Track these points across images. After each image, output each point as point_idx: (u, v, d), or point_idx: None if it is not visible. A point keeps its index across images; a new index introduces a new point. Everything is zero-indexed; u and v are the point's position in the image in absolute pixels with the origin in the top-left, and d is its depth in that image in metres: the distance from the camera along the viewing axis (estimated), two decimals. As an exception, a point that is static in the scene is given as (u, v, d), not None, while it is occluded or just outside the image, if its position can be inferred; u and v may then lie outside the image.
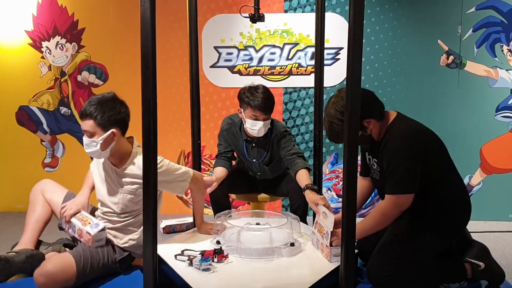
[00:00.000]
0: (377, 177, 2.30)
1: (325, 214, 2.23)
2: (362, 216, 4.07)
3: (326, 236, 2.14)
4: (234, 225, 2.37)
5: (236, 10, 3.99)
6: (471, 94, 4.01)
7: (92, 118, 2.22)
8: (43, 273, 2.11)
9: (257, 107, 2.71)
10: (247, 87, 2.81)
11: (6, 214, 4.22)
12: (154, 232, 1.85)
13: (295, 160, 2.77)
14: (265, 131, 2.81)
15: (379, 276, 2.13)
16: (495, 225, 3.97)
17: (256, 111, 2.73)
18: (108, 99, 2.29)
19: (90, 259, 2.25)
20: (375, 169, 2.30)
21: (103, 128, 2.23)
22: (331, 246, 2.11)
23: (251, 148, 2.94)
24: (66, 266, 2.17)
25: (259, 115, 2.74)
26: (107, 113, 2.23)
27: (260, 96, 2.72)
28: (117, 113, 2.26)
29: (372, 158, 2.30)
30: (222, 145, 3.01)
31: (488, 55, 4.00)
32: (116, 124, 2.26)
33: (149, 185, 1.83)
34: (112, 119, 2.24)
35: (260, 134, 2.81)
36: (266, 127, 2.80)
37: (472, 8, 3.96)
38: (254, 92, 2.75)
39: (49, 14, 4.18)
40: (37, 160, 4.37)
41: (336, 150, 4.20)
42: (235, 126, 2.96)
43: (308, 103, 4.14)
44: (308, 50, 4.08)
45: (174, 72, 4.18)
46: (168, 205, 4.29)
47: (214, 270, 2.04)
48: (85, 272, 2.22)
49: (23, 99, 4.30)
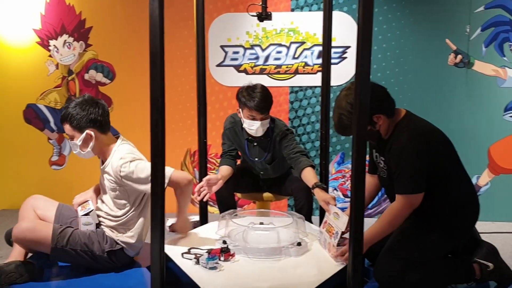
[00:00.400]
0: (384, 175, 2.28)
1: (336, 215, 2.22)
2: (369, 216, 4.07)
3: (335, 236, 2.13)
4: (237, 224, 2.36)
5: (243, 9, 3.98)
6: (479, 93, 3.99)
7: (68, 123, 2.33)
8: (17, 226, 2.28)
9: (253, 107, 2.70)
10: (244, 87, 2.80)
11: (13, 211, 4.24)
12: (161, 231, 1.85)
13: (299, 159, 2.75)
14: (263, 131, 2.80)
15: (387, 276, 2.11)
16: (503, 225, 3.95)
17: (253, 111, 2.72)
18: (80, 102, 2.35)
19: (71, 234, 2.30)
20: (382, 167, 2.29)
21: (80, 130, 2.33)
22: (337, 257, 2.11)
23: (253, 147, 2.93)
24: (41, 229, 2.28)
25: (256, 115, 2.73)
26: (80, 116, 2.31)
27: (257, 96, 2.71)
28: (89, 114, 2.32)
29: (379, 156, 2.29)
30: (226, 144, 3.00)
31: (497, 54, 3.98)
32: (91, 125, 2.33)
33: (156, 184, 1.83)
34: (85, 120, 2.32)
35: (258, 134, 2.81)
36: (264, 127, 2.79)
37: (481, 7, 3.93)
38: (251, 92, 2.73)
39: (57, 12, 4.20)
40: (44, 158, 4.39)
41: (343, 150, 4.18)
42: (237, 125, 2.95)
43: (314, 102, 4.13)
44: (315, 49, 4.07)
45: (181, 71, 4.18)
46: (175, 203, 4.29)
47: (221, 269, 2.04)
48: (62, 242, 2.27)
49: (30, 97, 4.32)
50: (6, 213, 4.30)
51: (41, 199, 2.59)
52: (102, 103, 2.41)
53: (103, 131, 2.39)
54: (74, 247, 2.29)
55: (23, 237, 2.27)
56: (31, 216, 2.49)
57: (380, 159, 2.28)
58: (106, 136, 2.41)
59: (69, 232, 2.31)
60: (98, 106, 2.37)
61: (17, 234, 2.27)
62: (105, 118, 2.39)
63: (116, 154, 2.34)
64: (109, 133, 2.43)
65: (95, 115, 2.34)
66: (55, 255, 2.30)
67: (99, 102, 2.40)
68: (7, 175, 4.43)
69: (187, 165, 4.30)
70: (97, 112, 2.35)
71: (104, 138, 2.40)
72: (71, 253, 2.30)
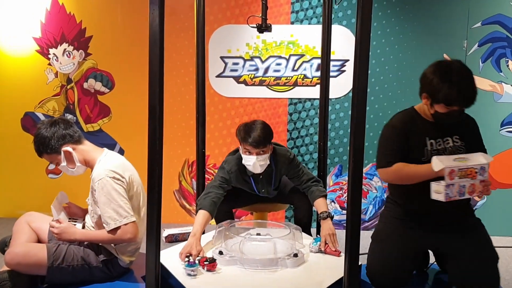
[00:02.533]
0: (464, 151, 2.30)
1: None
2: (365, 229, 4.07)
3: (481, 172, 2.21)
4: (234, 234, 2.36)
5: (243, 21, 4.01)
6: (476, 108, 3.93)
7: (44, 153, 2.34)
8: (9, 252, 2.24)
9: (248, 142, 2.63)
10: (244, 123, 2.74)
11: (9, 220, 4.22)
12: (157, 240, 1.85)
13: (311, 189, 2.74)
14: (261, 167, 2.69)
15: None
16: (499, 240, 3.93)
17: (247, 145, 2.64)
18: (40, 129, 2.34)
19: (66, 250, 2.27)
20: (458, 146, 2.31)
21: (56, 152, 2.33)
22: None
23: (260, 181, 2.86)
24: (35, 252, 2.25)
25: (251, 149, 2.65)
26: (47, 141, 2.30)
27: (253, 130, 2.64)
28: (53, 134, 2.31)
29: (447, 138, 2.32)
30: (220, 182, 2.74)
31: (494, 70, 4.01)
32: (62, 142, 2.32)
33: (153, 193, 1.82)
34: (55, 141, 2.31)
35: (255, 170, 2.71)
36: (262, 162, 2.68)
37: (478, 23, 3.97)
38: (248, 127, 2.67)
39: (57, 21, 4.22)
40: (41, 166, 4.38)
41: (340, 162, 4.19)
42: (240, 167, 2.81)
43: (312, 114, 4.14)
44: (314, 62, 4.10)
45: (180, 81, 4.20)
46: (171, 214, 4.28)
47: (199, 276, 2.06)
48: (58, 260, 2.23)
49: (28, 105, 4.32)
50: (2, 221, 4.27)
51: (36, 214, 2.58)
52: (61, 118, 2.41)
53: (78, 142, 2.37)
54: (70, 263, 2.26)
55: (16, 263, 2.22)
56: (24, 237, 2.43)
57: (454, 138, 2.33)
58: (84, 145, 2.39)
59: (64, 249, 2.28)
60: (58, 123, 2.36)
61: (9, 260, 2.22)
62: (71, 129, 2.37)
63: (98, 166, 2.32)
64: (87, 142, 2.42)
65: (60, 131, 2.32)
66: (52, 275, 2.25)
67: (56, 119, 2.39)
68: (4, 183, 4.41)
69: (185, 175, 4.30)
70: (60, 128, 2.33)
71: (84, 149, 2.39)
72: (68, 270, 2.26)
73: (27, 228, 2.49)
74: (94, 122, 4.26)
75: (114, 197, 2.20)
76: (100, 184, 2.22)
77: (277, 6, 4.06)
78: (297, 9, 4.07)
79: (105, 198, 2.20)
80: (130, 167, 2.41)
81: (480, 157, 2.18)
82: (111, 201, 2.20)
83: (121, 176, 2.27)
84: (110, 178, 2.22)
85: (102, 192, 2.21)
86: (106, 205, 2.20)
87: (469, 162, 2.16)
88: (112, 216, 2.20)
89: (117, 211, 2.19)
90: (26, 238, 2.44)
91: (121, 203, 2.21)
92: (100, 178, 2.22)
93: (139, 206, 2.39)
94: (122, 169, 2.31)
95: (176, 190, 4.31)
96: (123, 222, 2.20)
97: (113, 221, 2.19)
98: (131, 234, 2.23)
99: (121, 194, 2.22)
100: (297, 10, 4.07)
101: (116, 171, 2.27)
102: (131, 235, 2.24)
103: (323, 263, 2.22)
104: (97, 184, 2.22)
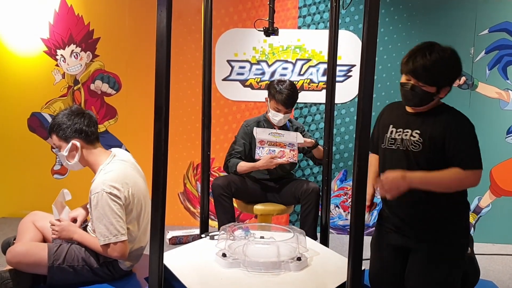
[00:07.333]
0: (417, 149, 2.17)
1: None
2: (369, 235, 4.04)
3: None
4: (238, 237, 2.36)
5: (250, 25, 4.03)
6: (482, 115, 4.00)
7: (54, 133, 2.30)
8: (11, 251, 2.23)
9: (280, 102, 3.10)
10: (276, 80, 3.21)
11: (14, 219, 4.25)
12: (161, 242, 1.85)
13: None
14: (284, 122, 3.23)
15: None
16: (504, 248, 3.92)
17: (279, 105, 3.12)
18: (67, 113, 2.32)
19: (67, 250, 2.25)
20: (414, 141, 2.18)
21: (65, 140, 2.29)
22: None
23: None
24: (36, 251, 2.23)
25: (281, 109, 3.13)
26: (65, 126, 2.28)
27: (285, 92, 3.09)
28: (74, 124, 2.29)
29: (408, 130, 2.21)
30: (239, 144, 3.26)
31: (500, 77, 4.00)
32: (76, 135, 2.29)
33: (158, 195, 1.82)
34: (71, 130, 2.28)
35: (279, 124, 3.23)
36: (285, 119, 3.22)
37: (485, 30, 3.97)
38: (281, 86, 3.11)
39: (65, 22, 4.25)
40: (47, 167, 4.41)
41: (345, 167, 4.19)
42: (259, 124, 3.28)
43: (318, 119, 4.15)
44: (320, 67, 4.11)
45: (186, 83, 4.21)
46: (175, 216, 4.29)
47: (201, 278, 2.03)
48: (59, 260, 2.22)
49: (35, 105, 4.35)
50: (6, 221, 4.31)
51: (41, 213, 2.56)
52: (89, 114, 2.37)
53: (90, 143, 2.33)
54: (71, 264, 2.25)
55: (17, 261, 2.21)
56: (29, 236, 2.42)
57: (414, 132, 2.19)
58: (94, 149, 2.34)
59: (65, 249, 2.26)
60: (84, 117, 2.33)
61: (10, 259, 2.21)
62: (91, 128, 2.33)
63: (98, 176, 2.27)
64: (99, 146, 2.37)
65: (80, 125, 2.29)
66: (53, 274, 2.23)
67: (85, 112, 2.36)
68: (9, 183, 4.44)
69: (189, 178, 4.31)
70: (83, 123, 2.30)
71: (92, 151, 2.33)
72: (69, 270, 2.24)
73: (32, 228, 2.48)
74: (101, 123, 4.28)
75: (107, 214, 2.17)
76: (96, 198, 2.18)
77: (284, 11, 4.08)
78: (304, 14, 4.08)
79: (98, 213, 2.18)
80: (132, 176, 2.35)
81: (293, 136, 3.07)
82: (103, 217, 2.17)
83: (119, 191, 2.22)
84: (107, 194, 2.17)
85: (96, 207, 2.18)
86: (98, 220, 2.18)
87: (281, 138, 3.07)
88: (102, 232, 2.17)
89: (108, 228, 2.17)
90: (30, 237, 2.43)
91: (113, 221, 2.17)
92: (96, 191, 2.18)
93: (138, 216, 2.36)
94: (121, 182, 2.25)
95: (180, 192, 4.32)
96: (112, 240, 2.17)
97: (102, 237, 2.17)
98: (118, 253, 2.20)
99: (114, 211, 2.18)
100: (304, 15, 4.08)
101: (115, 185, 2.21)
102: (118, 254, 2.20)
103: (326, 267, 2.21)
104: (93, 197, 2.19)
